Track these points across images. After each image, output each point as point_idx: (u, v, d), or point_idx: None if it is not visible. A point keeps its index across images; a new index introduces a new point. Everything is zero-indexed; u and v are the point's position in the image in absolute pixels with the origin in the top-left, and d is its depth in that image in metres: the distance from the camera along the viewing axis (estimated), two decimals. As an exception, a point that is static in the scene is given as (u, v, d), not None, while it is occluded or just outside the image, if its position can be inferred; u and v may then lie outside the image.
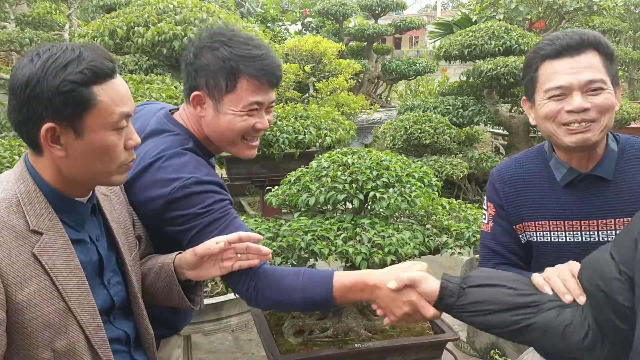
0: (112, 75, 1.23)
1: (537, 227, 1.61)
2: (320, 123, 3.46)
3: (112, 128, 1.23)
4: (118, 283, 1.40)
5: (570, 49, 1.49)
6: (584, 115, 1.46)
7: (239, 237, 1.43)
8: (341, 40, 9.34)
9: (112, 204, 1.45)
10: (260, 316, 2.61)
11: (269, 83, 1.59)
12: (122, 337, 1.41)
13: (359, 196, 2.14)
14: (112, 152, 1.25)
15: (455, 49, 4.61)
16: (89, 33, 3.07)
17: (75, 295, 1.23)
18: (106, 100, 1.20)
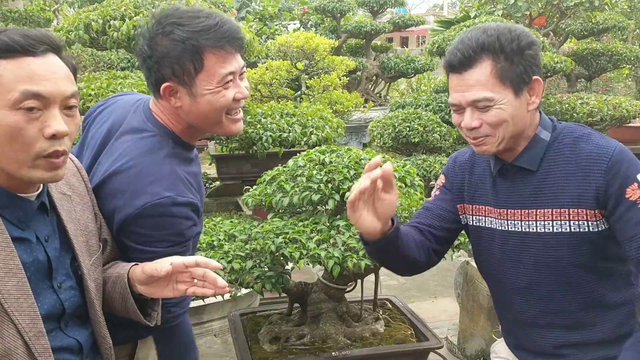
0: (18, 50, 1.11)
1: (473, 211, 1.62)
2: (306, 121, 3.35)
3: (12, 107, 1.09)
4: (71, 288, 1.29)
5: (455, 66, 1.44)
6: (475, 133, 1.45)
7: (195, 261, 1.30)
8: (339, 37, 9.21)
9: (73, 204, 1.34)
10: (237, 322, 2.51)
11: (234, 48, 1.47)
12: (74, 346, 1.29)
13: (335, 197, 2.02)
14: (17, 136, 1.10)
15: (448, 45, 4.47)
16: (65, 27, 2.97)
17: (13, 298, 1.13)
18: (7, 75, 1.08)
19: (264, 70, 5.00)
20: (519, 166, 1.51)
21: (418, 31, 18.28)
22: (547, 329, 1.56)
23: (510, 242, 1.54)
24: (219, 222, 2.40)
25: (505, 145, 1.46)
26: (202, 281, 1.32)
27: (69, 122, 1.16)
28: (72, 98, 1.16)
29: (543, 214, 1.48)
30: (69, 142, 1.18)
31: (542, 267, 1.51)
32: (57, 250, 1.26)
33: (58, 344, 1.22)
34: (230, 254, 2.05)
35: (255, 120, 3.17)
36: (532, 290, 1.54)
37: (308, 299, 2.37)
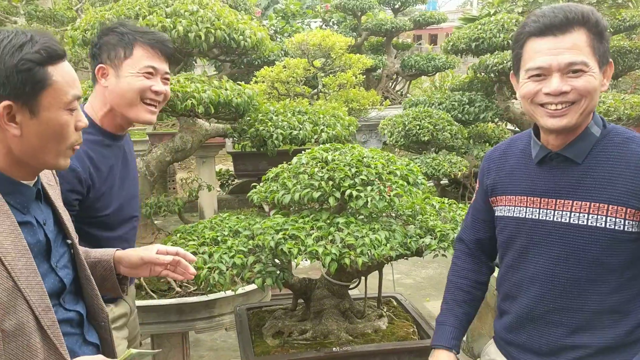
0: (63, 58, 1.28)
1: (505, 201, 1.64)
2: (317, 119, 3.37)
3: (65, 108, 1.27)
4: (65, 266, 1.41)
5: (554, 27, 1.44)
6: (562, 97, 1.44)
7: (176, 251, 1.61)
8: (360, 35, 9.21)
9: (55, 194, 1.48)
10: (243, 316, 2.55)
11: (161, 52, 1.89)
12: (74, 318, 1.41)
13: (335, 194, 2.05)
14: (65, 132, 1.29)
15: (463, 43, 4.45)
16: (81, 26, 3.04)
17: (24, 276, 1.23)
18: (60, 81, 1.25)
19: (280, 68, 5.04)
20: (564, 156, 1.51)
21: (447, 28, 18.11)
22: (553, 326, 1.55)
23: (539, 231, 1.55)
24: (225, 218, 2.44)
25: (580, 120, 1.46)
26: (173, 267, 1.62)
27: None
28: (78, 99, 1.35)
29: (580, 206, 1.48)
30: None
31: (566, 260, 1.51)
32: (53, 233, 1.39)
33: (60, 317, 1.34)
34: (234, 249, 2.09)
35: (266, 118, 3.21)
36: (550, 282, 1.54)
37: (311, 295, 2.40)
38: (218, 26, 2.87)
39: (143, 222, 3.23)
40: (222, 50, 3.10)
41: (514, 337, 1.66)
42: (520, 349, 1.65)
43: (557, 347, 1.55)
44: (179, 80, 2.70)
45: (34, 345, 1.25)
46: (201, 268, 2.06)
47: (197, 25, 2.81)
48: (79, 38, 2.98)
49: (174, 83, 2.64)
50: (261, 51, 3.28)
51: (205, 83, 2.78)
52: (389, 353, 2.23)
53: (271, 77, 5.03)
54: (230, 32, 2.91)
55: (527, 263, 1.59)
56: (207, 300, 3.21)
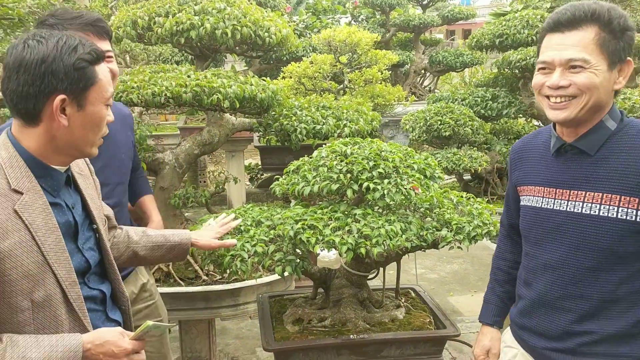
0: (103, 59, 1.46)
1: (526, 192, 1.71)
2: (341, 114, 3.43)
3: (105, 103, 1.44)
4: (90, 248, 1.54)
5: (562, 24, 1.51)
6: (561, 91, 1.51)
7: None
8: (388, 31, 9.22)
9: (85, 183, 1.61)
10: (265, 303, 2.64)
11: (95, 32, 1.93)
12: (98, 296, 1.54)
13: (353, 187, 2.12)
14: (102, 124, 1.46)
15: (487, 39, 4.45)
16: (114, 24, 3.17)
17: (53, 251, 1.36)
18: (103, 79, 1.43)
19: (307, 63, 5.12)
20: (577, 148, 1.57)
21: (481, 23, 17.87)
22: (563, 312, 1.61)
23: (553, 220, 1.61)
24: (249, 209, 2.53)
25: (584, 114, 1.51)
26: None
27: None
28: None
29: (592, 197, 1.53)
30: None
31: (577, 249, 1.56)
32: (81, 217, 1.52)
33: (85, 294, 1.47)
34: (255, 238, 2.17)
35: (291, 112, 3.29)
36: (562, 270, 1.60)
37: (331, 284, 2.48)
38: (244, 23, 2.96)
39: (172, 213, 3.34)
40: (248, 46, 3.19)
41: (526, 322, 1.72)
42: (531, 332, 1.70)
43: (566, 332, 1.60)
44: (206, 75, 2.80)
45: (61, 316, 1.38)
46: (224, 256, 2.16)
47: (224, 23, 2.90)
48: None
49: (200, 78, 2.74)
50: (286, 47, 3.36)
51: (231, 78, 2.88)
52: (405, 342, 2.29)
53: (298, 73, 5.12)
54: (256, 29, 3.00)
55: (541, 251, 1.65)
56: (232, 289, 3.31)
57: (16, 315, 1.32)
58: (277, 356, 2.26)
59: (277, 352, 2.24)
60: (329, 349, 2.23)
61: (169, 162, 3.22)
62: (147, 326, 1.44)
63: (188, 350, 3.40)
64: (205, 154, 3.52)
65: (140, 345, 1.48)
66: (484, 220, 2.26)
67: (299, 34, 8.03)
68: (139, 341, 1.48)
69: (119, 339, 1.43)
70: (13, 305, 1.31)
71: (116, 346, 1.41)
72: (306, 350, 2.23)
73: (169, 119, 8.73)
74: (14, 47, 1.36)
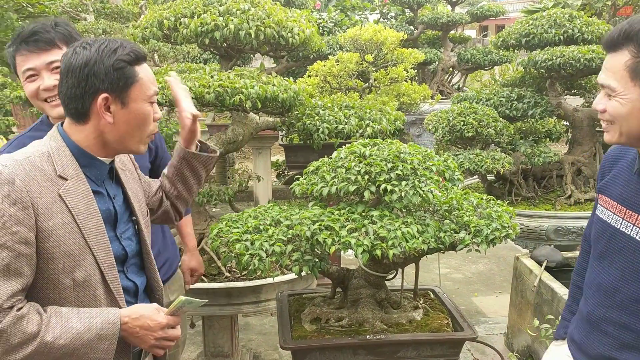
0: (145, 59, 1.55)
1: (602, 201, 1.65)
2: (364, 113, 3.44)
3: (148, 100, 1.53)
4: (129, 238, 1.63)
5: (604, 46, 1.44)
6: (601, 116, 1.46)
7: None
8: (416, 28, 9.16)
9: (128, 177, 1.71)
10: (284, 301, 2.67)
11: (34, 46, 1.87)
12: (131, 288, 1.62)
13: (371, 188, 2.13)
14: (147, 121, 1.54)
15: (513, 38, 4.39)
16: (142, 24, 3.23)
17: (93, 234, 1.47)
18: (144, 78, 1.52)
19: (333, 62, 5.13)
20: None
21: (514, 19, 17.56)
22: (605, 336, 1.56)
23: (616, 241, 1.53)
24: (268, 208, 2.56)
25: (625, 140, 1.43)
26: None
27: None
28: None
29: None
30: None
31: (628, 277, 1.49)
32: (122, 207, 1.62)
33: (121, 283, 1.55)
34: (274, 238, 2.20)
35: (313, 112, 3.31)
36: (612, 294, 1.54)
37: (349, 284, 2.50)
38: (267, 24, 2.98)
39: (196, 210, 3.40)
40: (272, 47, 3.22)
41: (575, 335, 1.69)
42: (575, 347, 1.67)
43: (605, 356, 1.55)
44: (229, 76, 2.84)
45: (99, 296, 1.48)
46: (243, 254, 2.20)
47: (247, 24, 2.94)
48: (138, 36, 3.17)
49: (223, 79, 2.78)
50: (310, 47, 3.38)
51: (254, 79, 2.91)
52: (422, 343, 2.30)
53: (324, 71, 5.13)
54: (279, 30, 3.02)
55: (600, 268, 1.59)
56: (254, 286, 3.35)
57: (59, 291, 1.44)
58: (294, 354, 2.29)
59: (294, 351, 2.27)
60: (345, 349, 2.26)
61: (193, 160, 3.27)
62: (180, 301, 1.52)
63: (211, 345, 3.46)
64: (229, 152, 3.57)
65: (175, 320, 1.56)
66: (503, 223, 2.25)
67: (327, 32, 8.04)
68: (174, 316, 1.56)
69: (154, 314, 1.52)
70: (56, 282, 1.43)
71: (151, 320, 1.51)
72: (323, 350, 2.25)
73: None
74: (65, 54, 1.51)
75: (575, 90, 4.80)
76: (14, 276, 1.36)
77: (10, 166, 1.40)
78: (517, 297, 3.25)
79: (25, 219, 1.37)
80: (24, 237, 1.37)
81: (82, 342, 1.40)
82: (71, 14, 5.97)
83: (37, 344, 1.36)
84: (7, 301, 1.34)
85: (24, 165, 1.42)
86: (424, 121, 8.00)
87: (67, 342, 1.38)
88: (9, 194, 1.36)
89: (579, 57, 3.93)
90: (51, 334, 1.37)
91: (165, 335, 1.54)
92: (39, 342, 1.36)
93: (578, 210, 4.34)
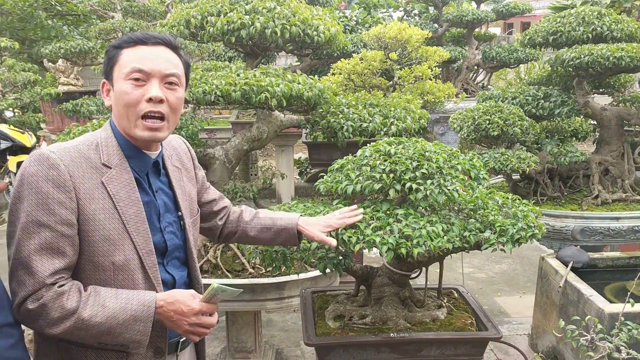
0: (139, 42, 1.54)
1: None
2: (388, 112, 3.44)
3: (125, 78, 1.52)
4: (172, 232, 1.67)
5: None
6: None
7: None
8: (441, 26, 9.10)
9: (181, 175, 1.75)
10: (307, 298, 2.69)
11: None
12: (169, 281, 1.66)
13: (396, 186, 2.13)
14: (126, 99, 1.52)
15: (540, 36, 4.33)
16: (169, 22, 3.28)
17: (132, 221, 1.53)
18: (125, 57, 1.53)
19: (357, 60, 5.12)
20: None
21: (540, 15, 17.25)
22: None
23: None
24: (293, 206, 2.58)
25: None
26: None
27: (169, 93, 1.56)
28: (171, 76, 1.55)
29: None
30: (168, 109, 1.56)
31: None
32: (165, 202, 1.66)
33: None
34: (299, 235, 2.22)
35: (338, 110, 3.32)
36: None
37: (372, 282, 2.50)
38: (293, 22, 3.00)
39: (221, 207, 3.44)
40: (297, 45, 3.23)
41: None
42: None
43: None
44: (255, 74, 2.86)
45: (137, 280, 1.54)
46: (267, 251, 2.22)
47: (273, 22, 2.96)
48: (166, 34, 3.21)
49: (249, 77, 2.81)
50: (335, 45, 3.39)
51: (279, 77, 2.93)
52: (445, 342, 2.29)
53: (347, 69, 5.13)
54: (305, 28, 3.04)
55: None
56: (277, 282, 3.37)
57: (99, 273, 1.50)
58: (318, 351, 2.31)
59: (318, 347, 2.29)
60: (369, 346, 2.26)
61: (219, 157, 3.31)
62: (213, 288, 1.53)
63: (234, 341, 3.49)
64: (254, 150, 3.60)
65: (209, 308, 1.57)
66: (528, 222, 2.23)
67: (350, 30, 8.03)
68: (210, 304, 1.57)
69: (189, 299, 1.55)
70: (96, 265, 1.49)
71: (186, 305, 1.54)
72: (346, 347, 2.26)
73: (222, 112, 8.91)
74: None
75: (603, 89, 4.72)
76: (56, 255, 1.44)
77: (57, 152, 1.48)
78: (542, 298, 3.22)
79: (67, 201, 1.44)
80: (66, 218, 1.44)
81: (118, 321, 1.45)
82: (99, 12, 6.07)
83: (75, 320, 1.42)
84: (50, 277, 1.42)
85: (70, 153, 1.50)
86: (447, 119, 7.97)
87: (103, 320, 1.44)
88: (53, 178, 1.44)
89: (607, 55, 3.87)
90: (88, 312, 1.43)
91: (200, 322, 1.56)
92: (76, 318, 1.42)
93: (605, 210, 4.27)
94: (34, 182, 1.44)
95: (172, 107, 1.57)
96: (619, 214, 4.16)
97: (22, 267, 1.43)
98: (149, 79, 1.52)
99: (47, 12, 10.85)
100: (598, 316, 2.68)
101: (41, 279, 1.41)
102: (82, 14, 10.76)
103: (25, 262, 1.42)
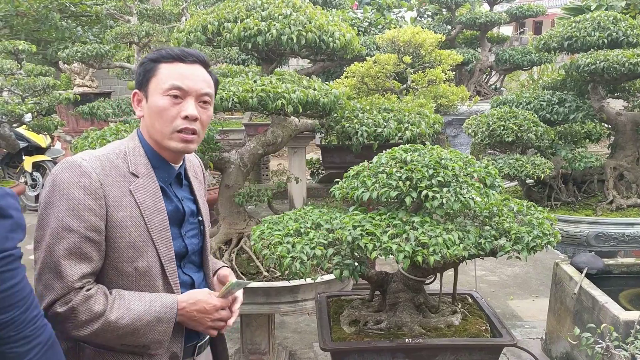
0: (177, 59, 1.61)
1: None
2: (402, 117, 3.45)
3: (162, 94, 1.58)
4: (193, 236, 1.74)
5: None
6: None
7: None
8: (453, 28, 9.08)
9: (200, 186, 1.82)
10: (323, 303, 2.71)
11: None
12: (187, 282, 1.72)
13: (412, 194, 2.15)
14: (162, 114, 1.59)
15: (555, 42, 4.32)
16: (186, 29, 3.31)
17: (157, 229, 1.58)
18: (164, 72, 1.59)
19: (370, 63, 5.14)
20: None
21: (552, 15, 17.10)
22: None
23: None
24: (308, 211, 2.60)
25: None
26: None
27: (202, 112, 1.63)
28: (205, 96, 1.64)
29: None
30: (200, 126, 1.64)
31: None
32: (189, 209, 1.72)
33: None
34: (315, 241, 2.24)
35: (352, 115, 3.34)
36: None
37: (387, 288, 2.52)
38: (309, 29, 3.02)
39: (236, 210, 3.47)
40: (312, 50, 3.26)
41: None
42: None
43: None
44: (271, 80, 2.89)
45: (158, 286, 1.59)
46: (285, 257, 2.24)
47: (289, 29, 2.98)
48: (183, 40, 3.25)
49: (266, 84, 2.83)
50: (350, 51, 3.41)
51: (295, 83, 2.96)
52: (460, 348, 2.31)
53: (361, 73, 5.15)
54: (321, 34, 3.06)
55: None
56: (291, 286, 3.40)
57: (122, 279, 1.55)
58: (333, 356, 2.33)
59: (333, 352, 2.31)
60: (384, 352, 2.28)
61: (234, 162, 3.34)
62: (231, 284, 1.63)
63: (248, 342, 3.53)
64: (268, 154, 3.63)
65: (226, 302, 1.67)
66: (544, 230, 2.24)
67: (363, 31, 8.04)
68: (225, 299, 1.67)
69: (208, 297, 1.63)
70: (120, 270, 1.55)
71: (207, 303, 1.62)
72: (362, 352, 2.28)
73: (234, 113, 8.96)
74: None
75: (618, 93, 4.70)
76: (84, 260, 1.49)
77: (89, 160, 1.54)
78: (556, 304, 3.22)
79: (97, 208, 1.49)
80: (95, 225, 1.49)
81: (142, 323, 1.51)
82: (115, 16, 6.14)
83: (102, 322, 1.47)
84: (78, 282, 1.47)
85: (101, 161, 1.56)
86: (460, 122, 7.96)
87: (129, 322, 1.50)
88: (85, 185, 1.49)
89: (623, 61, 3.86)
90: (115, 314, 1.48)
91: (220, 317, 1.65)
92: (104, 320, 1.47)
93: (620, 216, 4.26)
94: (66, 189, 1.48)
95: (204, 124, 1.66)
96: (634, 219, 4.14)
97: (50, 271, 1.47)
98: (185, 97, 1.60)
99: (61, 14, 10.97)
100: (613, 323, 2.68)
101: (70, 282, 1.46)
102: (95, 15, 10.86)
103: (54, 266, 1.47)
